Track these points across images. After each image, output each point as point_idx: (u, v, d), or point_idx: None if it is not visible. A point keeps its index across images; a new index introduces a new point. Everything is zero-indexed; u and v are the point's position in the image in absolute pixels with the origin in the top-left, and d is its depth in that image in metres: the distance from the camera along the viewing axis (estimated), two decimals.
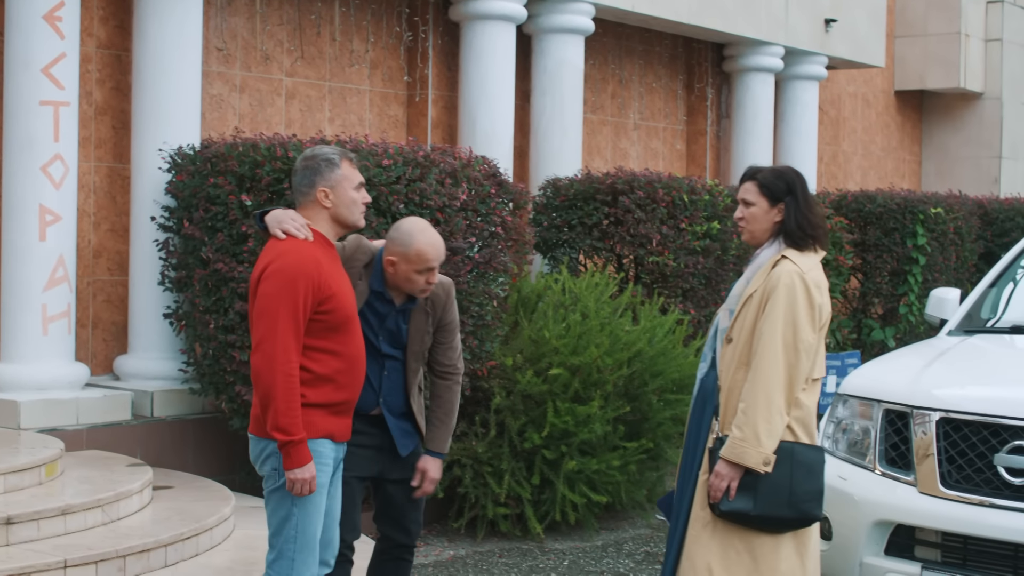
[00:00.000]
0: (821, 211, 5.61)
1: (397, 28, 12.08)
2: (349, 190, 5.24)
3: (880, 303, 14.63)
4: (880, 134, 19.54)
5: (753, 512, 5.21)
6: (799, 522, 5.29)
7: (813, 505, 5.27)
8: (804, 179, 5.52)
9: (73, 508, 6.92)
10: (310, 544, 5.16)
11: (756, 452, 5.19)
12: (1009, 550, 5.79)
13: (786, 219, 5.42)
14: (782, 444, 5.22)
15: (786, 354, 5.21)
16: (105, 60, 9.67)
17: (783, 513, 5.23)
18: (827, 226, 5.72)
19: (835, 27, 16.06)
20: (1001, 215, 15.97)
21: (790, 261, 5.33)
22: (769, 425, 5.18)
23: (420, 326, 5.68)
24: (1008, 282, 7.91)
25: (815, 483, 5.27)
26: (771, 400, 5.19)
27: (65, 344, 8.78)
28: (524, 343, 9.21)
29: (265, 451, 5.13)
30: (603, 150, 14.35)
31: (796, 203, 5.42)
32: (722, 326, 5.51)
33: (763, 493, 5.20)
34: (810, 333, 5.25)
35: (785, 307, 5.24)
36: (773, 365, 5.20)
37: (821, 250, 5.44)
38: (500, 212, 8.89)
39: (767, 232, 5.47)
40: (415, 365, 5.70)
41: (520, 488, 8.89)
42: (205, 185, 8.38)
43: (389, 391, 5.64)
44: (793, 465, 5.24)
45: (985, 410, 5.99)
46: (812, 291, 5.28)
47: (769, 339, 5.23)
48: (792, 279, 5.27)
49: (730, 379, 5.38)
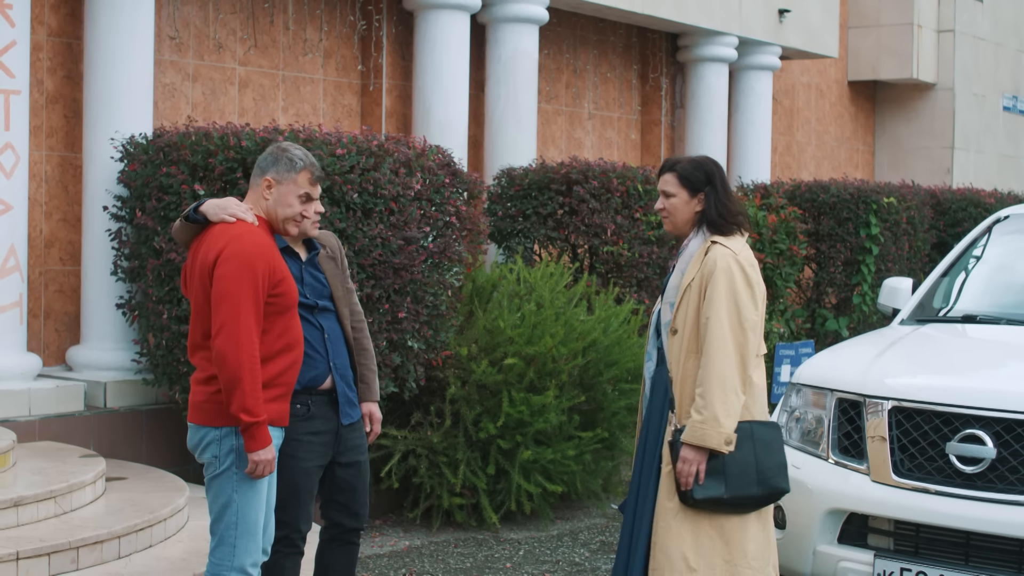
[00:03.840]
0: (737, 198, 5.79)
1: (351, 17, 12.03)
2: (292, 195, 5.31)
3: (834, 293, 14.69)
4: (834, 124, 19.63)
5: (726, 496, 5.33)
6: (768, 498, 5.44)
7: (780, 479, 5.43)
8: (722, 168, 5.69)
9: (25, 500, 6.86)
10: (252, 530, 5.16)
11: (717, 433, 5.28)
12: (961, 538, 5.84)
13: (707, 208, 5.58)
14: (741, 425, 5.35)
15: (733, 334, 5.33)
16: (56, 48, 9.59)
17: (753, 491, 5.37)
18: (745, 211, 5.88)
19: (789, 17, 16.11)
20: (954, 205, 16.06)
21: (721, 245, 5.47)
22: (726, 405, 5.29)
23: (333, 271, 5.76)
24: (960, 272, 7.96)
25: (778, 457, 5.43)
26: (725, 381, 5.29)
27: (16, 335, 8.71)
28: (479, 333, 9.20)
29: (205, 439, 5.16)
30: (558, 140, 14.36)
31: (715, 192, 5.59)
32: (665, 319, 5.61)
33: (732, 475, 5.33)
34: (752, 311, 5.38)
35: (725, 289, 5.36)
36: (722, 347, 5.31)
37: (746, 232, 5.62)
38: (454, 202, 8.87)
39: (688, 223, 5.64)
40: (345, 311, 5.76)
41: (475, 478, 8.89)
42: (158, 174, 8.33)
43: (335, 353, 5.66)
44: (755, 443, 5.39)
45: (937, 399, 6.03)
46: (748, 270, 5.43)
47: (715, 322, 5.33)
48: (728, 262, 5.40)
49: (681, 369, 5.47)
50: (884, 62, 19.62)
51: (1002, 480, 5.78)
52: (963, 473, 5.87)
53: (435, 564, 8.18)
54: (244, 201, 5.37)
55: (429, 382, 9.02)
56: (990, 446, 5.82)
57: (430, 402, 9.10)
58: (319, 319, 5.64)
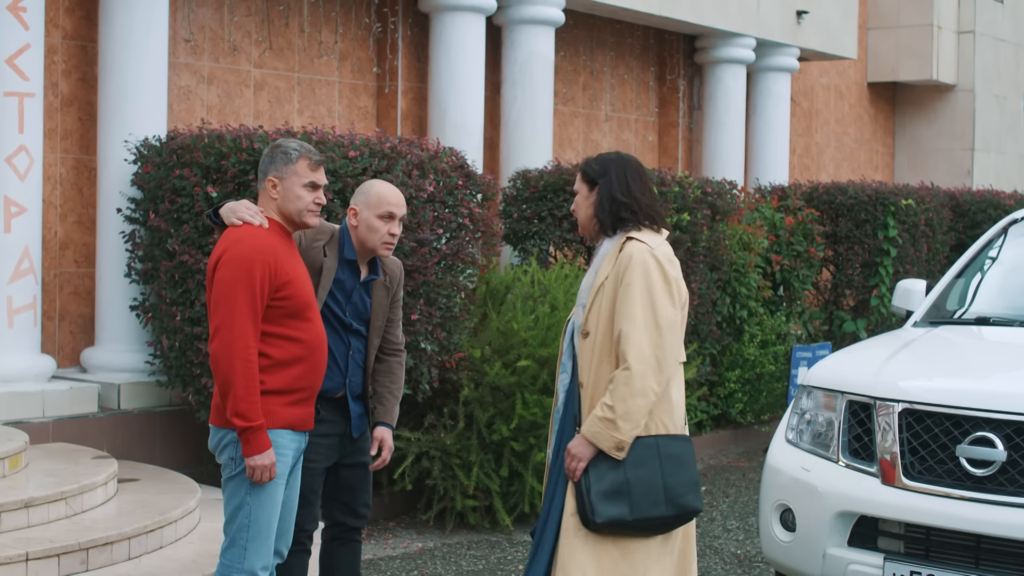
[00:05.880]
0: (647, 191, 5.22)
1: (366, 19, 12.04)
2: (296, 186, 5.28)
3: (852, 295, 14.66)
4: (853, 126, 19.57)
5: (630, 518, 4.95)
6: (679, 518, 5.03)
7: (691, 497, 5.04)
8: (630, 162, 5.24)
9: (36, 501, 6.88)
10: (263, 533, 5.16)
11: (610, 436, 4.92)
12: (971, 541, 5.79)
13: (596, 202, 5.19)
14: (647, 440, 4.97)
15: (648, 333, 4.91)
16: (71, 51, 9.62)
17: (661, 512, 4.98)
18: (655, 205, 5.21)
19: (807, 19, 16.07)
20: (973, 207, 16.01)
21: (637, 240, 5.07)
22: (628, 409, 4.90)
23: (381, 301, 5.78)
24: (975, 273, 7.91)
25: (688, 473, 5.03)
26: (632, 383, 4.89)
27: (31, 336, 8.73)
28: (493, 335, 9.20)
29: (224, 440, 5.17)
30: (574, 142, 14.34)
31: (608, 185, 5.15)
32: (577, 322, 5.20)
33: (636, 495, 4.94)
34: (669, 308, 4.97)
35: (641, 285, 4.96)
36: (636, 346, 4.91)
37: (663, 229, 5.19)
38: (468, 204, 8.87)
39: (591, 219, 5.24)
40: (376, 341, 5.79)
41: (489, 480, 8.88)
42: (171, 177, 8.36)
43: (353, 371, 5.71)
44: (661, 459, 4.98)
45: (948, 401, 5.99)
46: (665, 265, 5.02)
47: (629, 320, 4.93)
48: (643, 256, 5.00)
49: (593, 375, 5.09)
50: (904, 63, 19.55)
51: (1012, 483, 5.74)
52: (973, 476, 5.83)
53: (448, 566, 8.17)
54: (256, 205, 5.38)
55: (442, 384, 9.02)
56: (1000, 448, 5.77)
57: (443, 404, 9.09)
58: (349, 338, 5.69)
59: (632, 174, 5.19)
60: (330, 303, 5.59)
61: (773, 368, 12.80)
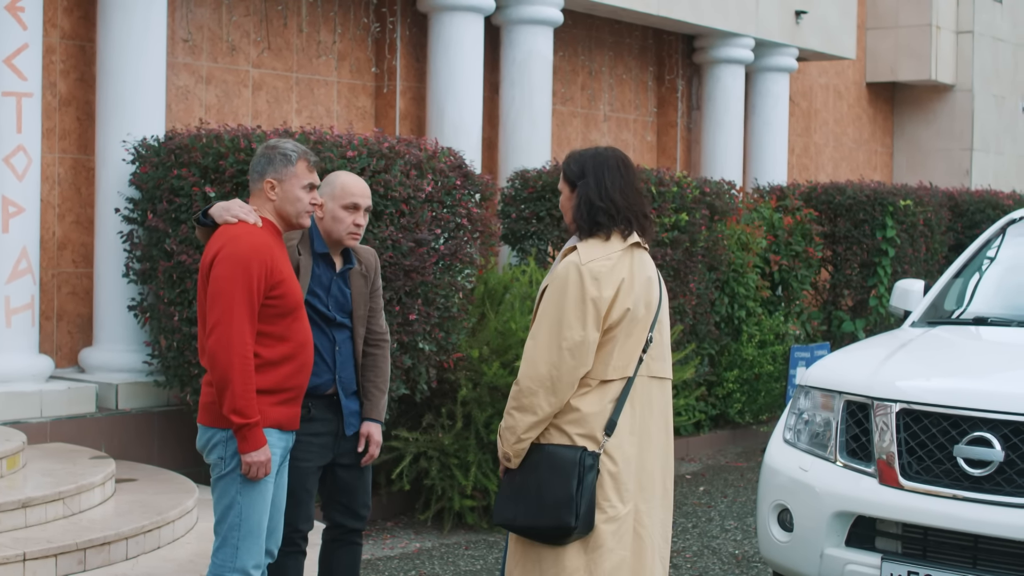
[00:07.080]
0: (629, 187, 5.00)
1: (364, 19, 12.04)
2: (296, 188, 5.30)
3: (850, 295, 14.67)
4: (852, 126, 19.57)
5: (517, 522, 4.86)
6: (558, 529, 4.77)
7: (562, 512, 4.75)
8: (608, 160, 5.01)
9: (34, 501, 6.88)
10: (254, 532, 5.16)
11: (500, 445, 4.90)
12: (968, 541, 5.79)
13: (575, 206, 4.98)
14: (540, 447, 4.84)
15: (548, 353, 4.75)
16: (69, 51, 9.62)
17: (542, 522, 4.78)
18: (636, 203, 4.98)
19: (805, 19, 16.07)
20: (971, 207, 16.01)
21: (576, 251, 4.86)
22: (513, 420, 4.82)
23: (361, 290, 5.78)
24: (972, 273, 7.91)
25: (563, 488, 4.76)
26: (520, 398, 4.80)
27: (29, 336, 8.73)
28: (491, 335, 9.19)
29: (212, 439, 5.17)
30: (573, 142, 14.34)
31: (587, 187, 4.94)
32: None
33: (521, 501, 4.84)
34: (577, 330, 4.73)
35: (555, 302, 4.78)
36: (531, 364, 4.77)
37: (644, 230, 4.98)
38: (466, 204, 8.87)
39: (572, 222, 5.04)
40: (361, 331, 5.78)
41: (487, 480, 8.88)
42: (169, 177, 8.36)
43: (343, 366, 5.69)
44: (542, 470, 4.81)
45: (945, 401, 5.98)
46: (587, 284, 4.75)
47: (533, 336, 4.81)
48: (567, 270, 4.80)
49: None
50: (902, 63, 19.55)
51: (1010, 483, 5.74)
52: (971, 476, 5.83)
53: (445, 566, 8.17)
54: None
55: (440, 384, 9.02)
56: (998, 449, 5.77)
57: (441, 404, 9.09)
58: (334, 332, 5.68)
59: (611, 173, 4.97)
60: (311, 299, 5.58)
61: (771, 368, 12.80)
